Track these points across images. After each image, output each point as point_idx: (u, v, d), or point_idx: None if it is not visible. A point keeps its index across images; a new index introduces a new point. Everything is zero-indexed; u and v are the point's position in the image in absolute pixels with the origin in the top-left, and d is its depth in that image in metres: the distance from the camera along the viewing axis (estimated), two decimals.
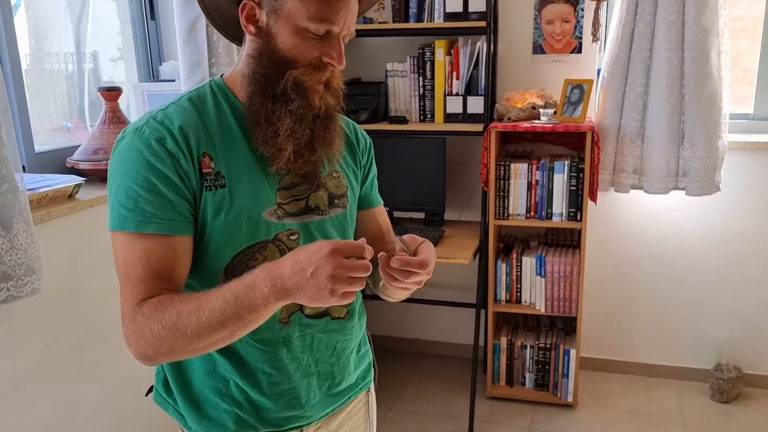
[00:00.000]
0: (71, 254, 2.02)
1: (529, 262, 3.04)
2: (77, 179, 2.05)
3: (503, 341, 3.16)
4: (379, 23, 3.08)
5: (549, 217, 2.95)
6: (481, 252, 3.04)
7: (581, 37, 3.07)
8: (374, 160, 1.41)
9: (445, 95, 3.09)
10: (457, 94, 3.07)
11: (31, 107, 2.18)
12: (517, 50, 3.17)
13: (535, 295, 3.06)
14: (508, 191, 2.96)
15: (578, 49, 3.09)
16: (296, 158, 1.15)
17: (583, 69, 3.09)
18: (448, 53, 3.06)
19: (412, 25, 3.04)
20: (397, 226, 1.46)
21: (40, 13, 2.44)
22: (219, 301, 0.99)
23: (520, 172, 2.94)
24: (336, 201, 1.25)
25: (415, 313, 3.69)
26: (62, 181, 2.01)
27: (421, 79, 3.12)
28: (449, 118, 3.10)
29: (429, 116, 3.15)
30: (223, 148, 1.13)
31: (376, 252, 1.21)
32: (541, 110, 2.93)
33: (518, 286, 3.08)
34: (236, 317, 0.99)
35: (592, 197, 2.92)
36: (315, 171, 1.20)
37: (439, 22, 2.98)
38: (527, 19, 3.12)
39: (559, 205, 2.91)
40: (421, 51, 3.10)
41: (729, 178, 3.02)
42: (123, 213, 1.06)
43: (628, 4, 2.81)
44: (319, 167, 1.21)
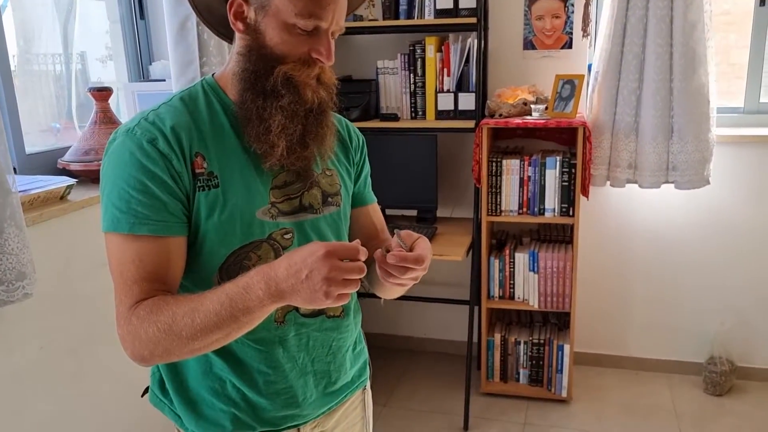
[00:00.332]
0: (64, 256, 2.01)
1: (522, 258, 3.05)
2: (69, 180, 2.04)
3: (497, 337, 3.17)
4: (370, 20, 3.07)
5: (541, 212, 2.95)
6: (474, 248, 3.05)
7: (571, 33, 3.08)
8: (367, 158, 1.41)
9: (436, 92, 3.09)
10: (448, 91, 3.07)
11: (20, 108, 2.16)
12: (508, 46, 3.17)
13: (529, 290, 3.07)
14: (501, 187, 2.97)
15: (569, 45, 3.10)
16: (289, 154, 1.14)
17: (573, 64, 3.10)
18: (439, 50, 3.06)
19: (402, 22, 3.04)
20: (389, 223, 1.46)
21: (27, 14, 2.42)
22: (214, 303, 0.99)
23: (512, 168, 2.94)
24: (330, 199, 1.25)
25: (408, 311, 3.69)
26: (54, 183, 1.99)
27: (411, 76, 3.12)
28: (440, 115, 3.11)
29: (420, 113, 3.15)
30: (215, 147, 1.12)
31: (370, 250, 1.21)
32: (532, 106, 2.94)
33: (511, 282, 3.09)
34: (231, 319, 0.99)
35: (584, 192, 2.93)
36: (308, 167, 1.20)
37: (429, 18, 2.97)
38: (517, 15, 3.12)
39: (552, 200, 2.92)
40: (411, 48, 3.10)
41: (720, 172, 3.04)
42: (116, 215, 1.05)
43: None
44: (311, 163, 1.20)
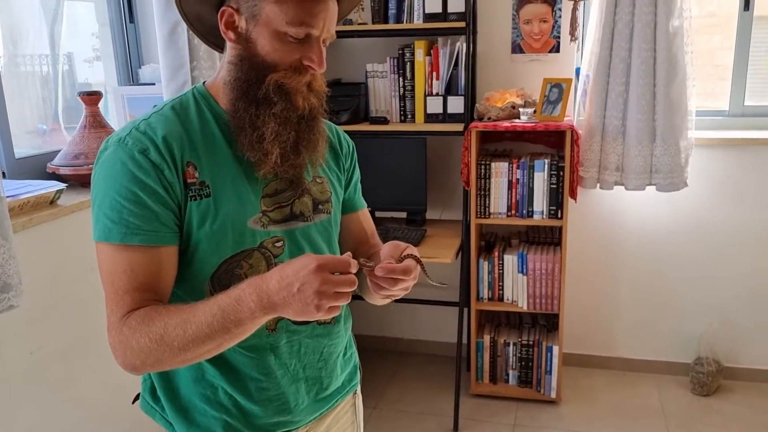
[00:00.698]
0: (54, 261, 2.01)
1: (510, 260, 3.07)
2: (59, 185, 2.04)
3: (486, 339, 3.19)
4: (359, 24, 3.08)
5: (530, 215, 2.97)
6: (463, 251, 3.06)
7: (559, 37, 3.10)
8: (357, 164, 1.42)
9: (425, 95, 3.10)
10: (437, 95, 3.09)
11: (8, 111, 2.15)
12: (496, 50, 3.19)
13: (517, 292, 3.09)
14: (489, 190, 2.98)
15: (556, 49, 3.12)
16: (282, 162, 1.15)
17: (561, 68, 3.12)
18: (428, 54, 3.07)
19: (391, 26, 3.05)
20: (379, 226, 1.47)
21: (14, 15, 2.41)
22: (206, 314, 1.00)
23: (500, 171, 2.96)
24: (320, 207, 1.25)
25: (398, 313, 3.70)
26: (44, 187, 1.99)
27: (401, 79, 3.13)
28: (430, 118, 3.11)
29: (409, 116, 3.16)
30: (207, 157, 1.13)
31: (361, 255, 1.22)
32: (520, 109, 2.95)
33: (500, 284, 3.11)
34: (223, 330, 1.00)
35: (572, 195, 2.95)
36: (299, 175, 1.20)
37: (418, 23, 2.99)
38: (506, 20, 3.14)
39: (540, 203, 2.94)
40: (400, 52, 3.11)
41: (706, 174, 3.07)
42: (108, 225, 1.06)
43: (608, 4, 2.84)
44: (303, 171, 1.21)
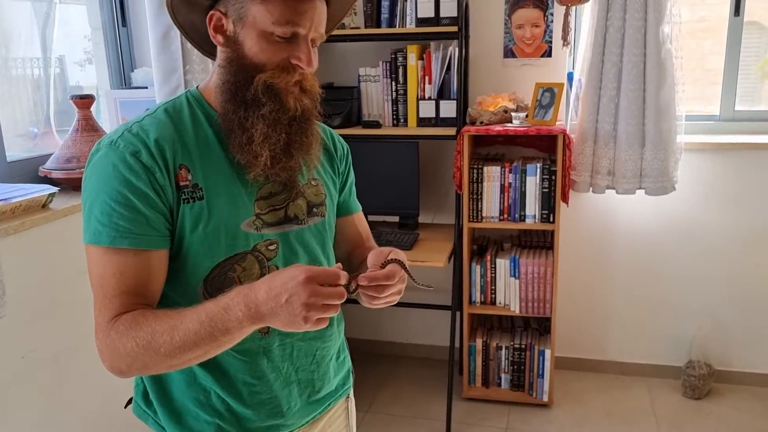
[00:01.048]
0: (46, 264, 2.00)
1: (503, 264, 3.07)
2: (51, 188, 2.03)
3: (479, 343, 3.19)
4: (352, 28, 3.09)
5: (522, 219, 2.98)
6: (456, 254, 3.07)
7: (551, 42, 3.11)
8: (352, 167, 1.42)
9: (417, 99, 3.11)
10: (429, 99, 3.09)
11: (0, 115, 2.15)
12: (489, 54, 3.21)
13: (510, 296, 3.09)
14: (482, 194, 2.99)
15: (548, 53, 3.13)
16: (273, 164, 1.14)
17: (553, 72, 3.14)
18: (420, 58, 3.08)
19: (384, 30, 3.05)
20: (371, 230, 1.47)
21: (6, 18, 2.40)
22: (193, 322, 1.00)
23: (493, 174, 2.97)
24: (315, 210, 1.25)
25: (390, 316, 3.71)
26: (36, 191, 1.99)
27: (393, 83, 3.14)
28: (422, 122, 3.12)
29: (402, 120, 3.17)
30: (200, 159, 1.13)
31: (356, 259, 1.22)
32: (513, 114, 2.97)
33: (493, 287, 3.12)
34: (210, 338, 1.00)
35: (564, 199, 2.96)
36: (293, 177, 1.20)
37: (411, 27, 2.99)
38: (498, 24, 3.15)
39: (532, 207, 2.95)
40: (393, 56, 3.12)
41: (697, 178, 3.09)
42: (97, 227, 1.05)
43: (599, 9, 2.86)
44: (297, 173, 1.20)
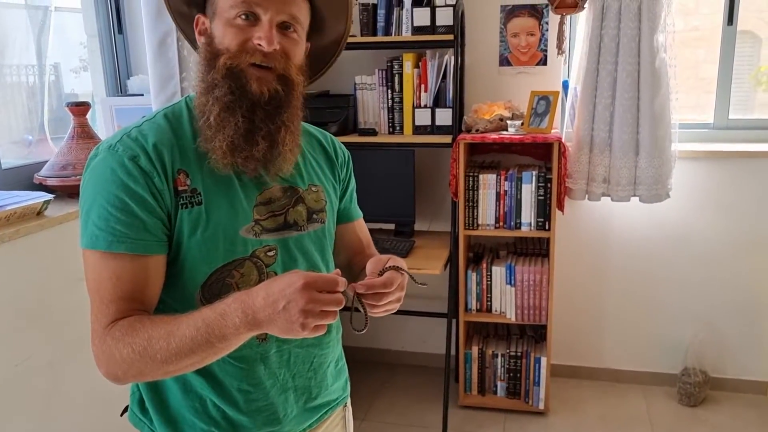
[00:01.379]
0: (41, 272, 1.99)
1: (498, 272, 3.08)
2: (46, 196, 2.02)
3: (474, 350, 3.19)
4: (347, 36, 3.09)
5: (518, 226, 2.99)
6: (452, 262, 3.07)
7: (546, 50, 3.12)
8: (353, 173, 1.41)
9: (413, 107, 3.11)
10: (425, 107, 3.10)
11: None
12: (484, 63, 3.22)
13: (506, 303, 3.09)
14: (477, 201, 3.00)
15: (543, 62, 3.14)
16: (233, 152, 1.10)
17: (548, 81, 3.15)
18: (416, 66, 3.09)
19: (380, 38, 3.06)
20: None
21: (1, 25, 2.40)
22: (190, 328, 0.99)
23: (488, 182, 2.97)
24: (315, 216, 1.25)
25: (386, 324, 3.70)
26: (31, 198, 1.98)
27: (389, 91, 3.14)
28: (418, 130, 3.12)
29: (398, 128, 3.17)
30: (199, 164, 1.12)
31: (356, 266, 1.21)
32: (508, 122, 2.98)
33: (488, 295, 3.12)
34: (207, 345, 0.99)
35: (560, 207, 2.97)
36: (266, 167, 1.15)
37: (406, 35, 3.00)
38: (493, 33, 3.17)
39: (528, 214, 2.96)
40: (389, 64, 3.12)
41: (691, 186, 3.10)
42: (94, 232, 1.05)
43: (594, 18, 2.87)
44: (270, 164, 1.15)
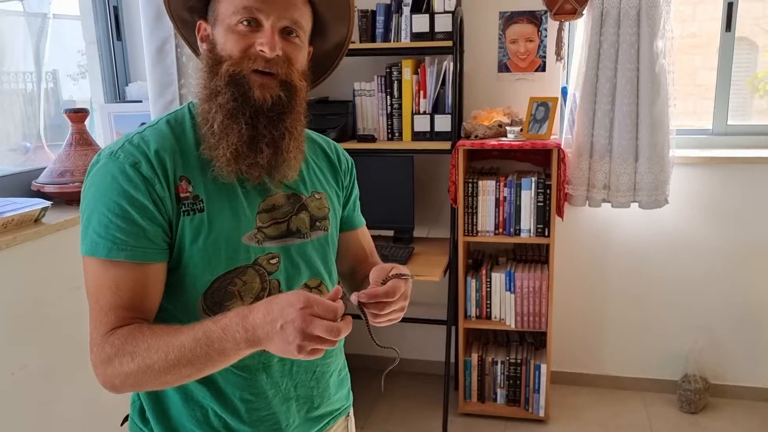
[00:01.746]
0: (39, 279, 1.98)
1: (498, 278, 3.06)
2: (43, 203, 2.01)
3: (474, 357, 3.18)
4: None
5: (517, 233, 2.98)
6: (451, 269, 3.06)
7: (545, 56, 3.12)
8: (356, 181, 1.39)
9: (412, 114, 3.11)
10: (424, 113, 3.09)
11: None
12: (483, 69, 3.21)
13: (505, 310, 3.08)
14: (477, 208, 2.99)
15: (542, 68, 3.14)
16: (237, 159, 1.09)
17: (547, 87, 3.15)
18: (415, 72, 3.08)
19: (379, 45, 3.06)
20: None
21: None
22: (190, 340, 0.98)
23: (488, 188, 2.97)
24: (318, 224, 1.24)
25: (385, 331, 3.66)
26: (28, 205, 1.96)
27: (388, 98, 3.14)
28: (417, 136, 3.12)
29: (397, 135, 3.16)
30: (201, 171, 1.11)
31: (360, 274, 1.20)
32: (507, 128, 2.97)
33: (488, 302, 3.10)
34: (205, 358, 0.98)
35: (559, 213, 2.96)
36: (271, 174, 1.14)
37: (405, 42, 3.00)
38: (492, 39, 3.17)
39: (527, 221, 2.95)
40: (388, 70, 3.12)
41: (691, 193, 3.10)
42: (94, 239, 1.04)
43: (593, 24, 2.87)
44: (274, 171, 1.14)
